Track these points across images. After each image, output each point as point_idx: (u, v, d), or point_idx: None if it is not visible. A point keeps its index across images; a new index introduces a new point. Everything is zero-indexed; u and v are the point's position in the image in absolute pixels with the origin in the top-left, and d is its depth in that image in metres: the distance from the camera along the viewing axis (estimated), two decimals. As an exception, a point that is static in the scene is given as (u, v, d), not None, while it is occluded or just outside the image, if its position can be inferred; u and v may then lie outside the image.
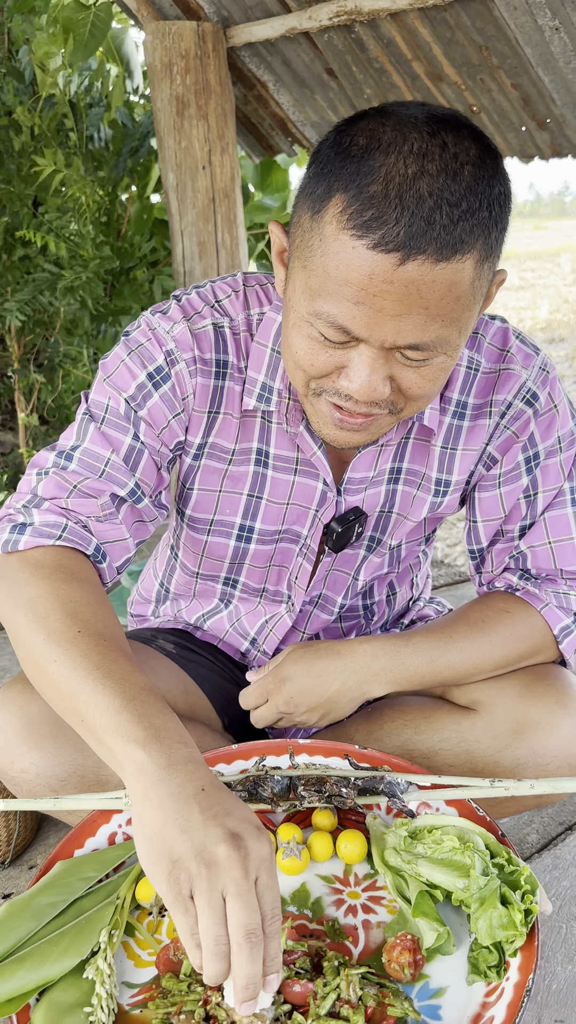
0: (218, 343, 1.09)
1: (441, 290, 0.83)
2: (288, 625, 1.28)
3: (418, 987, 0.87)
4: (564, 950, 1.13)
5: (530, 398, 1.13)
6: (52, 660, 0.89)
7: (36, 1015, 0.81)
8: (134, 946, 0.94)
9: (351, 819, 1.06)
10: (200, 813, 0.75)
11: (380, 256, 0.81)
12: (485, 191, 0.83)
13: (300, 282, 0.89)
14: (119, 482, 1.05)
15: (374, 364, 0.88)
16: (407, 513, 1.21)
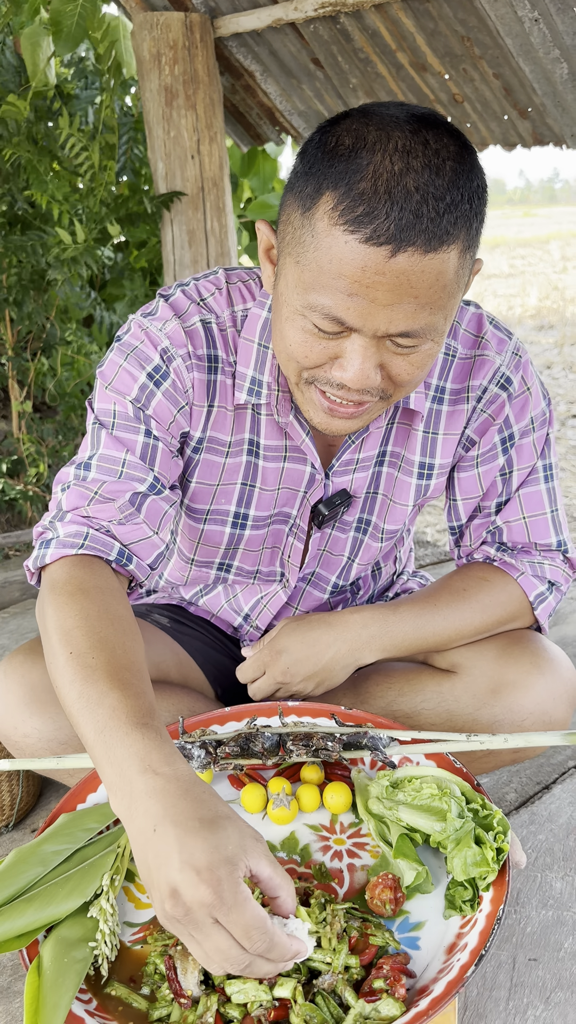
0: (208, 339, 1.12)
1: (430, 279, 0.88)
2: (283, 601, 1.34)
3: (398, 922, 0.94)
4: (538, 896, 1.20)
5: (504, 382, 1.18)
6: (57, 686, 0.91)
7: (44, 949, 0.88)
8: (134, 890, 1.00)
9: (337, 773, 1.13)
10: (152, 862, 0.74)
11: (372, 249, 0.85)
12: (465, 185, 0.88)
13: (293, 277, 0.93)
14: (138, 479, 1.07)
15: (366, 353, 0.92)
16: (393, 496, 1.27)
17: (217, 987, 0.85)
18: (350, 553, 1.31)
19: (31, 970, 0.85)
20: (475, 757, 1.22)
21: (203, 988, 0.85)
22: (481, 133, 2.88)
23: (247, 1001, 0.83)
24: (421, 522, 3.77)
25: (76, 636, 0.91)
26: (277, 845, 1.05)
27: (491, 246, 19.84)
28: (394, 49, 2.66)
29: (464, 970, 0.83)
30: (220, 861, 0.72)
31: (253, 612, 1.37)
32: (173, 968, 0.85)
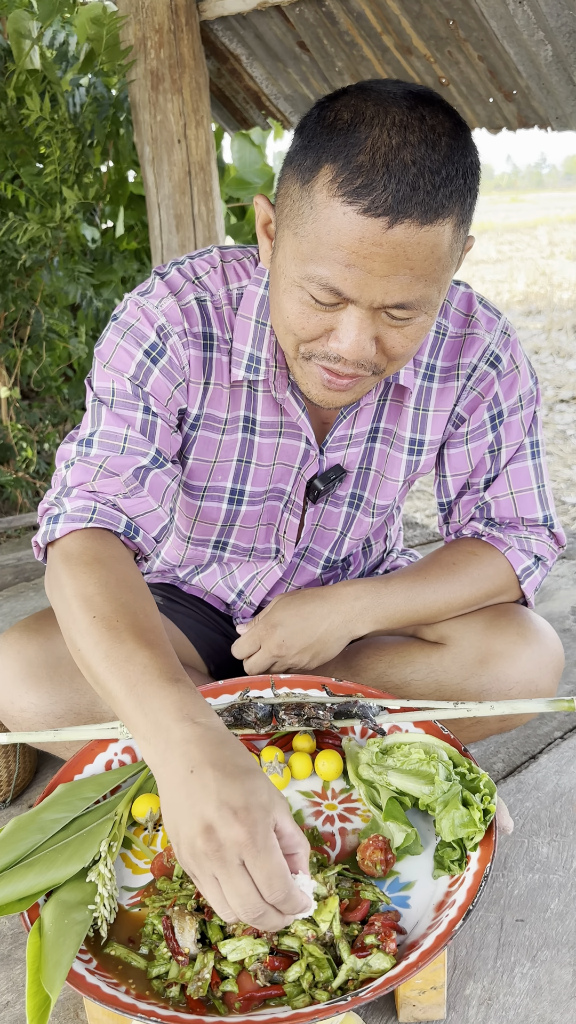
0: (203, 317, 1.13)
1: (425, 251, 0.89)
2: (277, 576, 1.36)
3: (389, 882, 0.97)
4: (525, 861, 1.23)
5: (493, 360, 1.21)
6: (78, 649, 0.93)
7: (45, 911, 0.90)
8: (131, 857, 1.03)
9: (328, 742, 1.16)
10: (185, 800, 0.77)
11: (370, 220, 0.87)
12: (460, 160, 0.90)
13: (291, 249, 0.95)
14: (140, 453, 1.08)
15: (362, 324, 0.94)
16: (385, 471, 1.29)
17: (213, 945, 0.88)
18: (343, 527, 1.33)
19: (32, 931, 0.87)
20: (463, 726, 1.25)
21: (200, 946, 0.88)
22: (467, 116, 2.89)
23: (242, 958, 0.86)
24: (410, 506, 3.80)
25: (98, 601, 0.94)
26: (270, 811, 1.07)
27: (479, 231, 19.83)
28: (379, 32, 2.67)
29: (452, 924, 0.86)
30: (256, 805, 0.75)
31: (247, 588, 1.39)
32: (171, 928, 0.88)
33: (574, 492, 3.93)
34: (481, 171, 0.96)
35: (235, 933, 0.88)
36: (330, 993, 0.83)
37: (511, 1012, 1.01)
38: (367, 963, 0.85)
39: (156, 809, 1.06)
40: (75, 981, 0.82)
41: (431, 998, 0.97)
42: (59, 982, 0.80)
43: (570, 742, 1.49)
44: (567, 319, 7.86)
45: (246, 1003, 0.84)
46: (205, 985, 0.84)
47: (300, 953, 0.86)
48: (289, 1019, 0.79)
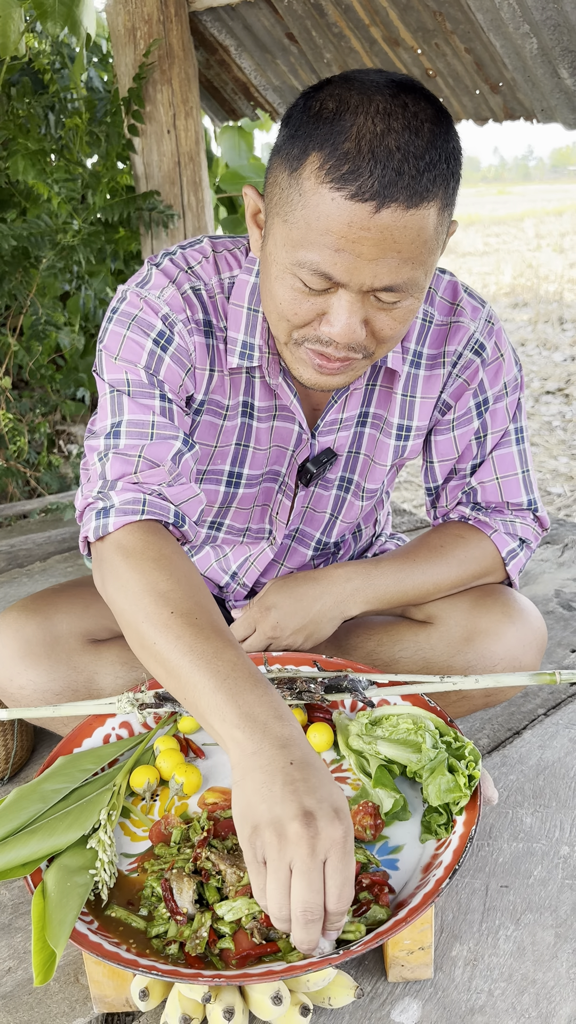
0: (202, 305, 1.16)
1: (411, 234, 0.92)
2: (269, 558, 1.39)
3: (378, 846, 1.01)
4: (509, 830, 1.28)
5: (478, 348, 1.24)
6: (152, 643, 0.94)
7: (48, 876, 0.94)
8: (130, 825, 1.06)
9: (319, 716, 1.19)
10: (282, 788, 0.79)
11: (358, 205, 0.89)
12: (443, 146, 0.93)
13: (281, 236, 0.97)
14: (172, 437, 1.09)
15: (352, 308, 0.96)
16: (374, 456, 1.32)
17: (210, 906, 0.92)
18: (333, 510, 1.36)
19: (36, 894, 0.91)
20: (450, 701, 1.29)
21: (197, 907, 0.92)
22: (453, 107, 2.92)
23: (237, 917, 0.90)
24: (399, 497, 3.84)
25: (174, 597, 0.95)
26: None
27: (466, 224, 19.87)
28: (367, 24, 2.69)
29: (439, 883, 0.90)
30: (347, 813, 0.80)
31: (240, 570, 1.42)
32: (169, 889, 0.92)
33: (559, 482, 3.99)
34: (463, 157, 0.98)
35: (230, 895, 0.92)
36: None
37: (496, 971, 1.05)
38: (365, 917, 0.89)
39: (154, 780, 1.10)
40: (78, 940, 0.86)
41: (419, 958, 1.01)
42: (63, 938, 0.83)
43: (553, 718, 1.53)
44: (553, 311, 7.92)
45: (242, 960, 0.88)
46: (203, 943, 0.88)
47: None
48: (284, 972, 0.83)
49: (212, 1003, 0.89)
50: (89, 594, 1.32)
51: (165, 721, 1.20)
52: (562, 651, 1.77)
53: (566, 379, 5.64)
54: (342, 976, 0.97)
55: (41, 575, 2.25)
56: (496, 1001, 1.02)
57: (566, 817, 1.30)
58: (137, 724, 1.19)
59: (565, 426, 4.76)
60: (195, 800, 1.10)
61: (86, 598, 1.31)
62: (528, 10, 2.28)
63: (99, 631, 1.28)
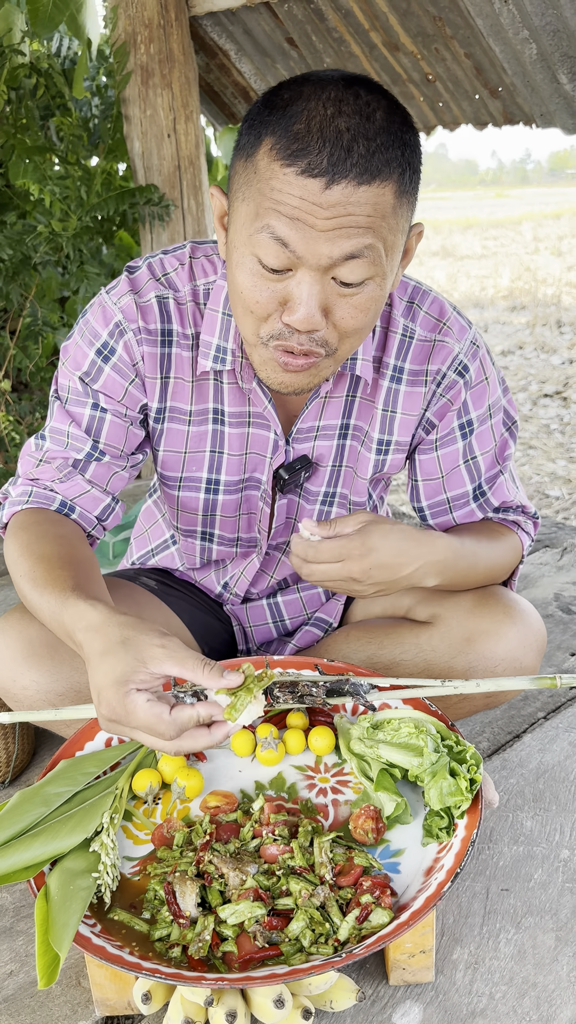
0: (162, 314, 1.18)
1: (367, 208, 0.93)
2: (256, 568, 1.39)
3: (380, 849, 1.01)
4: (510, 834, 1.28)
5: (461, 369, 1.24)
6: (25, 595, 1.08)
7: (51, 879, 0.94)
8: (132, 828, 1.07)
9: (320, 719, 1.20)
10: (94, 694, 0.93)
11: (308, 181, 0.91)
12: (397, 133, 0.94)
13: (240, 216, 0.98)
14: (76, 448, 1.20)
15: (312, 290, 0.96)
16: (357, 468, 1.32)
17: (212, 909, 0.92)
18: None
19: (39, 897, 0.91)
20: (450, 703, 1.29)
21: (200, 910, 0.92)
22: (453, 112, 2.93)
23: (241, 920, 0.90)
24: (397, 500, 3.84)
25: (34, 546, 1.11)
26: (266, 784, 1.11)
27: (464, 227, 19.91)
28: (367, 29, 2.70)
29: (441, 887, 0.90)
30: (107, 684, 0.90)
31: (231, 581, 1.43)
32: (172, 892, 0.92)
33: (558, 485, 3.99)
34: (462, 172, 1.00)
35: (233, 898, 0.92)
36: (333, 946, 0.87)
37: (496, 975, 1.06)
38: (368, 920, 0.89)
39: (156, 783, 1.10)
40: (82, 942, 0.86)
41: (420, 961, 1.01)
42: (67, 941, 0.83)
43: (552, 722, 1.54)
44: (551, 314, 7.94)
45: (245, 963, 0.88)
46: (206, 946, 0.88)
47: (296, 907, 0.90)
48: (286, 975, 0.83)
49: (214, 1006, 0.90)
50: None
51: (167, 724, 1.20)
52: (561, 654, 1.78)
53: (564, 382, 5.65)
54: (344, 979, 0.97)
55: (41, 578, 2.25)
56: (497, 1004, 1.02)
57: (566, 820, 1.30)
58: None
59: (563, 429, 4.77)
60: (197, 804, 1.10)
61: None
62: (527, 16, 2.29)
63: None
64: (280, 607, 1.45)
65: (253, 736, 1.16)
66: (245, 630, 1.48)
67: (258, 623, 1.46)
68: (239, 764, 1.16)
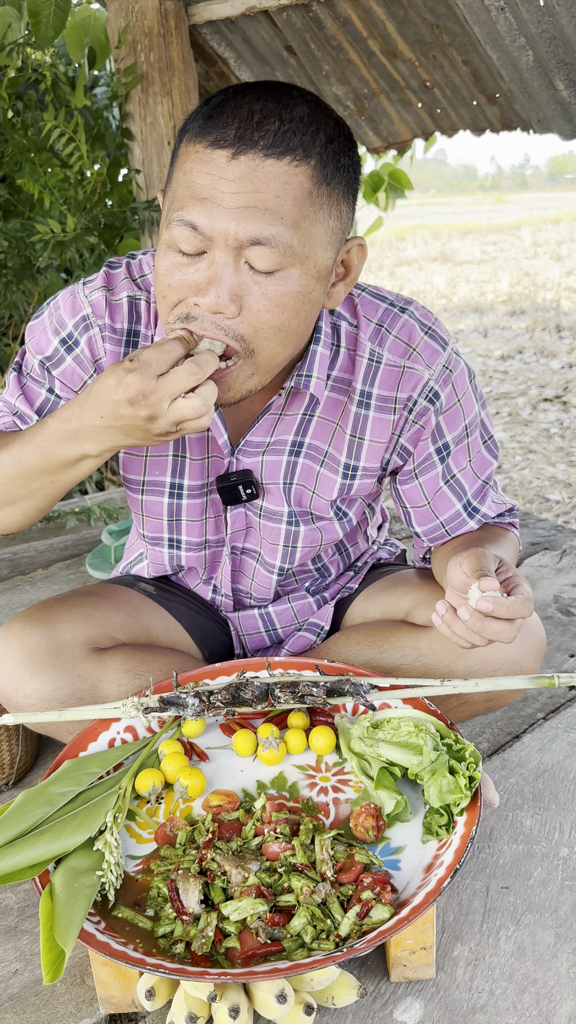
0: (131, 314, 1.19)
1: (276, 187, 0.93)
2: (232, 564, 1.37)
3: (380, 847, 1.02)
4: (510, 833, 1.29)
5: (432, 396, 1.21)
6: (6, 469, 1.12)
7: (55, 877, 0.95)
8: (135, 828, 1.08)
9: (321, 720, 1.21)
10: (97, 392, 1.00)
11: (216, 151, 0.93)
12: (321, 126, 0.96)
13: (166, 206, 1.01)
14: (23, 419, 1.24)
15: (221, 270, 0.96)
16: (316, 489, 1.29)
17: (215, 906, 0.93)
18: (286, 541, 1.34)
19: (44, 895, 0.92)
20: (451, 707, 1.30)
21: (203, 907, 0.93)
22: (451, 118, 2.95)
23: (243, 917, 0.91)
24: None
25: None
26: (268, 783, 1.13)
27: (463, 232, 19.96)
28: (365, 36, 2.72)
29: (441, 882, 0.91)
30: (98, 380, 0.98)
31: (218, 582, 1.43)
32: (175, 889, 0.93)
33: (558, 489, 4.01)
34: (459, 178, 1.02)
35: (235, 895, 0.93)
36: (334, 942, 0.89)
37: (497, 971, 1.07)
38: (369, 916, 0.91)
39: (159, 783, 1.11)
40: (86, 939, 0.87)
41: (421, 958, 1.02)
42: (72, 938, 0.85)
43: (552, 722, 1.55)
44: (550, 319, 7.96)
45: (247, 959, 0.89)
46: (209, 942, 0.89)
47: (297, 904, 0.91)
48: (288, 969, 0.84)
49: (218, 1002, 0.91)
50: (91, 603, 1.34)
51: (169, 725, 1.21)
52: (561, 656, 1.79)
53: (564, 386, 5.67)
54: (345, 976, 0.98)
55: (43, 582, 2.27)
56: (497, 1000, 1.03)
57: (566, 819, 1.31)
58: (141, 728, 1.21)
59: (563, 433, 4.78)
60: (199, 803, 1.11)
61: (88, 607, 1.32)
62: (524, 23, 2.31)
63: (102, 639, 1.29)
64: (272, 617, 1.45)
65: (255, 736, 1.17)
66: (240, 637, 1.49)
67: (251, 632, 1.46)
68: (241, 764, 1.17)
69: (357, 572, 1.53)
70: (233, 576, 1.41)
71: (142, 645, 1.34)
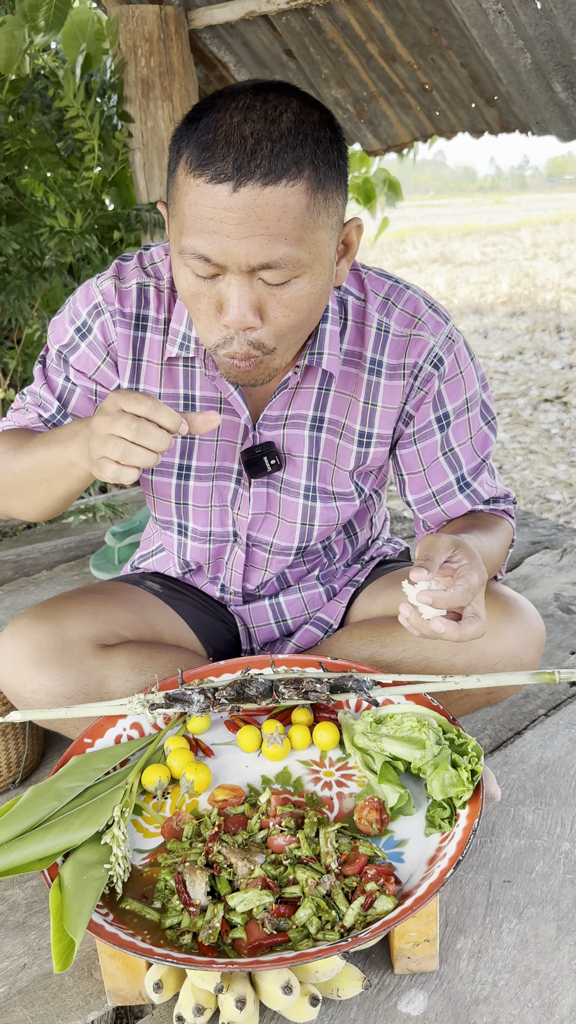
0: (139, 300, 1.26)
1: (276, 211, 0.97)
2: (242, 558, 1.41)
3: (384, 840, 1.04)
4: (512, 827, 1.30)
5: (436, 362, 1.27)
6: (9, 466, 1.23)
7: (64, 870, 0.97)
8: (142, 822, 1.09)
9: (325, 716, 1.23)
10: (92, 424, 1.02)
11: (217, 187, 0.96)
12: (308, 131, 0.99)
13: (173, 229, 1.05)
14: (46, 408, 1.32)
15: (241, 291, 1.01)
16: (337, 461, 1.34)
17: (222, 898, 0.95)
18: (303, 519, 1.37)
19: (53, 887, 0.94)
20: (452, 700, 1.32)
21: (210, 899, 0.95)
22: (450, 120, 2.97)
23: (249, 908, 0.93)
24: (398, 505, 3.87)
25: (17, 438, 1.25)
26: (272, 778, 1.14)
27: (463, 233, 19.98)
28: (364, 40, 2.74)
29: (443, 873, 0.93)
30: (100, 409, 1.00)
31: (225, 580, 1.45)
32: (182, 881, 0.95)
33: (559, 489, 4.02)
34: (458, 179, 1.04)
35: (241, 886, 0.95)
36: (339, 932, 0.90)
37: (499, 963, 1.08)
38: (373, 907, 0.92)
39: (165, 778, 1.13)
40: (95, 930, 0.89)
41: (424, 950, 1.03)
42: (81, 927, 0.86)
43: (553, 718, 1.56)
44: (550, 319, 7.98)
45: (254, 949, 0.90)
46: (215, 933, 0.91)
47: (303, 895, 0.93)
48: (294, 959, 0.86)
49: (224, 993, 0.92)
50: (98, 600, 1.36)
51: (175, 722, 1.23)
52: (562, 653, 1.80)
53: (564, 387, 5.68)
54: (350, 968, 0.99)
55: (48, 583, 2.28)
56: (500, 992, 1.04)
57: (567, 814, 1.33)
58: (147, 725, 1.23)
59: (564, 433, 4.80)
60: (205, 798, 1.13)
61: (95, 604, 1.34)
62: (522, 26, 2.33)
63: (108, 636, 1.31)
64: (282, 607, 1.48)
65: (259, 732, 1.19)
66: (249, 630, 1.50)
67: (261, 623, 1.49)
68: (245, 759, 1.19)
69: (364, 566, 1.56)
70: (245, 573, 1.43)
71: (147, 642, 1.36)
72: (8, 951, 1.14)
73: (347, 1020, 1.00)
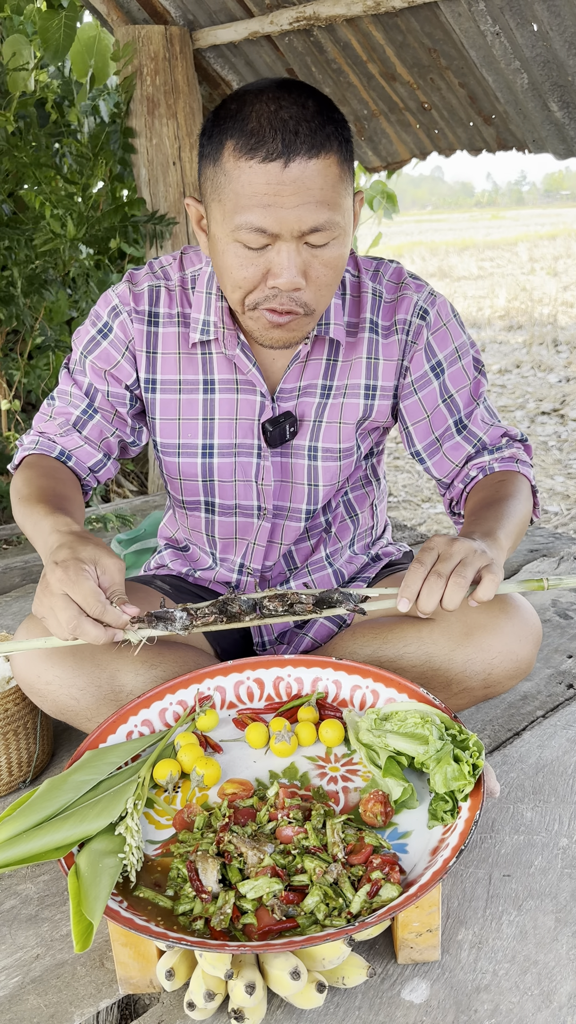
0: (151, 299, 1.40)
1: (320, 180, 1.12)
2: (268, 530, 1.49)
3: (388, 832, 1.07)
4: (511, 824, 1.34)
5: (422, 313, 1.40)
6: (18, 511, 1.32)
7: (80, 859, 1.00)
8: (154, 815, 1.13)
9: (330, 714, 1.26)
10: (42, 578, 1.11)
11: (270, 166, 1.10)
12: (329, 115, 1.14)
13: (219, 215, 1.17)
14: (76, 406, 1.44)
15: (291, 256, 1.15)
16: (341, 418, 1.44)
17: (233, 885, 0.98)
18: (310, 479, 1.46)
19: (70, 874, 0.97)
20: (451, 693, 1.35)
21: (221, 886, 0.98)
22: (448, 139, 3.04)
23: (260, 895, 0.96)
24: (398, 515, 3.91)
25: (24, 489, 1.33)
26: (280, 773, 1.18)
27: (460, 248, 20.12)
28: (365, 60, 2.81)
29: (446, 862, 0.96)
30: (71, 558, 1.08)
31: (246, 558, 1.53)
32: (194, 870, 0.98)
33: (556, 501, 4.07)
34: (457, 195, 1.15)
35: (251, 875, 0.98)
36: (346, 918, 0.94)
37: (499, 954, 1.11)
38: (378, 895, 0.96)
39: (176, 773, 1.16)
40: (111, 915, 0.92)
41: (427, 940, 1.07)
42: (99, 910, 0.90)
43: (551, 720, 1.60)
44: (547, 333, 8.05)
45: (264, 934, 0.94)
46: (227, 918, 0.94)
47: (311, 883, 0.96)
48: (303, 942, 0.89)
49: (234, 979, 0.95)
50: None
51: (185, 719, 1.26)
52: (559, 656, 1.84)
53: (561, 399, 5.74)
54: (355, 957, 1.03)
55: (54, 590, 2.31)
56: (500, 980, 1.08)
57: (564, 811, 1.36)
58: (158, 722, 1.26)
59: (560, 446, 4.85)
60: (215, 791, 1.16)
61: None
62: (519, 47, 2.39)
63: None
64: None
65: (267, 730, 1.23)
66: None
67: None
68: (254, 755, 1.22)
69: (375, 563, 1.64)
70: (269, 547, 1.51)
71: (158, 639, 1.40)
72: (22, 942, 1.17)
73: (352, 1007, 1.03)
